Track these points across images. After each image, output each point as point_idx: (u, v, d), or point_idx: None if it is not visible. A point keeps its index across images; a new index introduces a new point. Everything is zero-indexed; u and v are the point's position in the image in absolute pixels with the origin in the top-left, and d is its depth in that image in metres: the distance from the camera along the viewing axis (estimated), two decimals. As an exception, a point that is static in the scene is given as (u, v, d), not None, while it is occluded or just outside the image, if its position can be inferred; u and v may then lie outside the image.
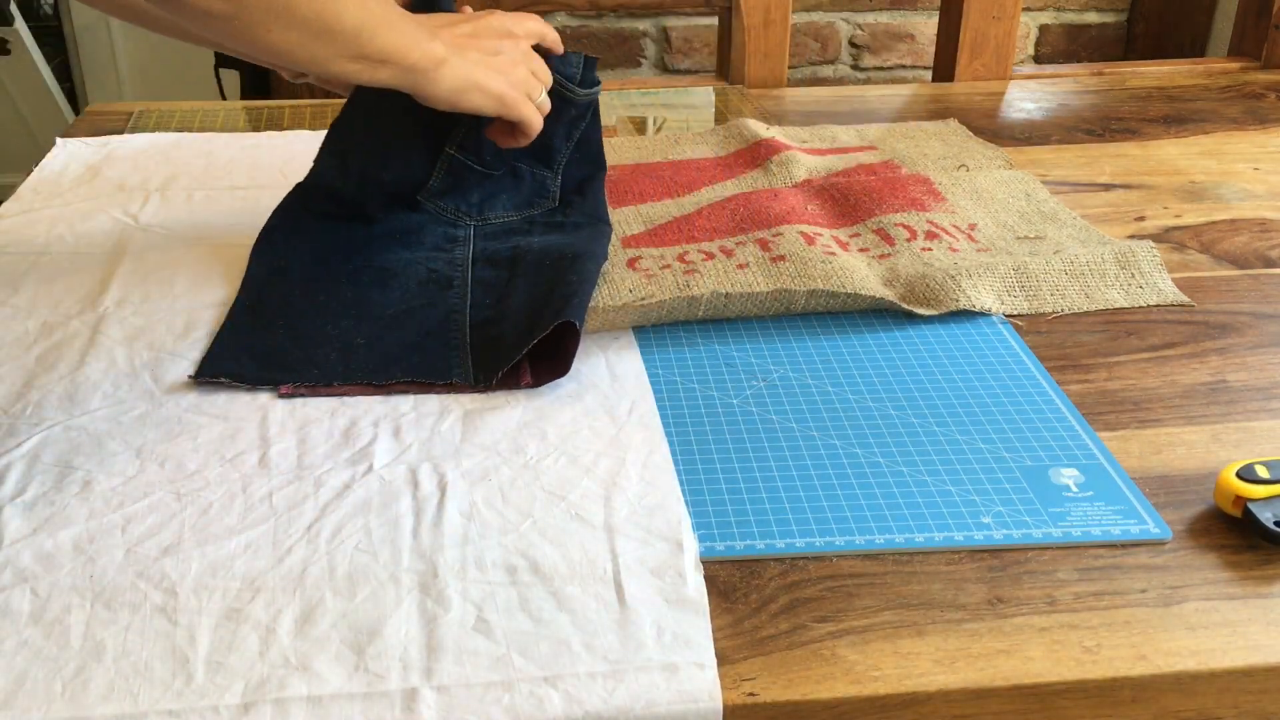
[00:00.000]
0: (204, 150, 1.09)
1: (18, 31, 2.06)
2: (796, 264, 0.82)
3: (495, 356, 0.71)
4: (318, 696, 0.48)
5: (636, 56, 2.06)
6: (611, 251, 0.85)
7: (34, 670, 0.50)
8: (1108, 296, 0.82)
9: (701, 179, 1.01)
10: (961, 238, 0.89)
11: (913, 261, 0.85)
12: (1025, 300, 0.81)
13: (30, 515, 0.59)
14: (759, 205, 0.92)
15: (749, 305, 0.78)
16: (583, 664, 0.50)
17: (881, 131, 1.15)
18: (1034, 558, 0.58)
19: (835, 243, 0.87)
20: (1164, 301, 0.82)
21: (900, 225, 0.90)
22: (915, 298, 0.80)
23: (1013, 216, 0.94)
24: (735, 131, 1.12)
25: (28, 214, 0.95)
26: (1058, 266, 0.83)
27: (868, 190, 0.96)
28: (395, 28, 0.71)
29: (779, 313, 0.79)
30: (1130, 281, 0.83)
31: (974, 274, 0.82)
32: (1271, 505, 0.59)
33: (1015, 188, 0.99)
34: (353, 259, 0.83)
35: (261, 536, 0.58)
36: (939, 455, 0.65)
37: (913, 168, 1.03)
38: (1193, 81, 1.35)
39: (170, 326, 0.77)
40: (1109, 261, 0.85)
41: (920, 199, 0.95)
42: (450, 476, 0.62)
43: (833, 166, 1.04)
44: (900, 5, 2.06)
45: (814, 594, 0.55)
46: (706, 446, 0.66)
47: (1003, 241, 0.89)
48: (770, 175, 1.01)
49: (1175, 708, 0.52)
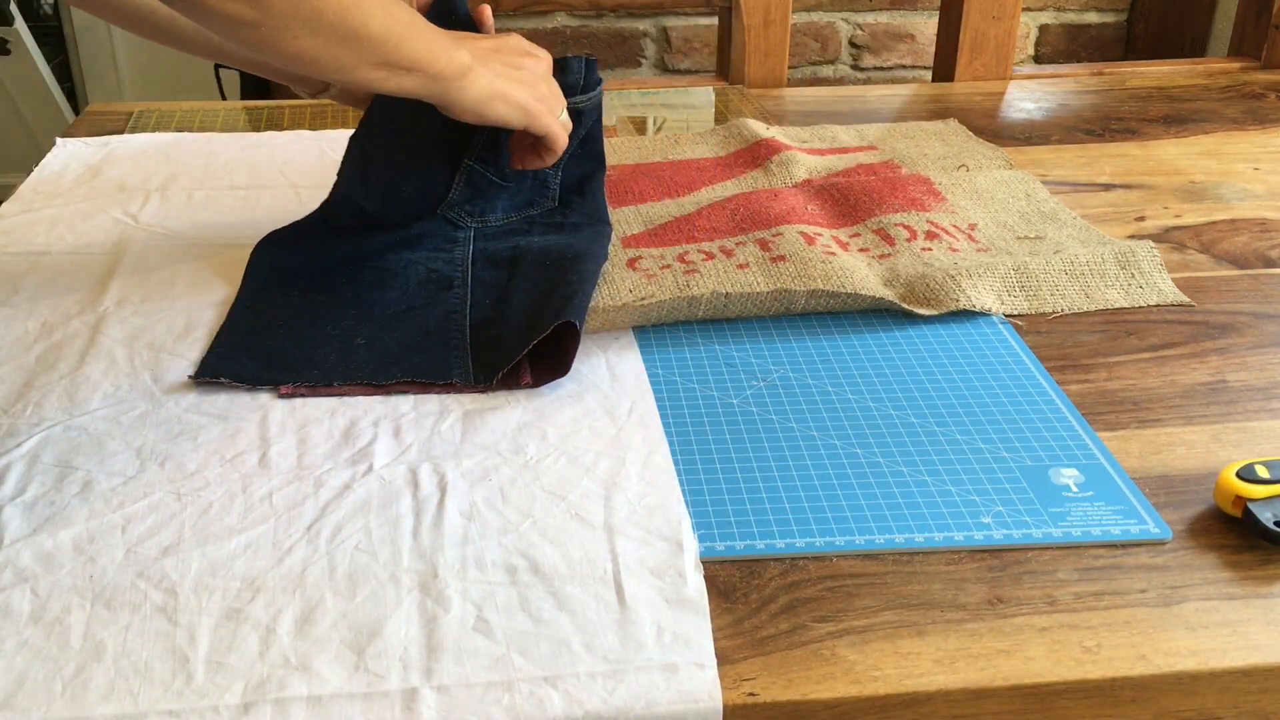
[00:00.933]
0: (204, 150, 1.09)
1: (18, 31, 2.06)
2: (797, 264, 0.82)
3: (495, 357, 0.71)
4: (318, 696, 0.48)
5: (636, 56, 2.06)
6: (611, 251, 0.85)
7: (34, 670, 0.50)
8: (1108, 296, 0.82)
9: (701, 179, 1.01)
10: (961, 238, 0.89)
11: (913, 261, 0.85)
12: (1025, 300, 0.81)
13: (30, 515, 0.59)
14: (759, 205, 0.92)
15: (749, 305, 0.78)
16: (583, 664, 0.50)
17: (881, 131, 1.15)
18: (1034, 558, 0.58)
19: (835, 243, 0.87)
20: (1164, 301, 0.82)
21: (900, 225, 0.90)
22: (915, 298, 0.80)
23: (1013, 216, 0.94)
24: (735, 131, 1.12)
25: (28, 214, 0.95)
26: (1058, 266, 0.84)
27: (868, 190, 0.96)
28: (421, 36, 0.71)
29: (779, 313, 0.79)
30: (1130, 281, 0.83)
31: (974, 274, 0.82)
32: (1271, 505, 0.59)
33: (1015, 188, 0.99)
34: (353, 259, 0.83)
35: (261, 536, 0.58)
36: (939, 455, 0.65)
37: (913, 168, 1.04)
38: (1193, 81, 1.35)
39: (170, 326, 0.77)
40: (1109, 261, 0.85)
41: (920, 199, 0.95)
42: (450, 476, 0.62)
43: (833, 166, 1.04)
44: (900, 5, 2.06)
45: (814, 594, 0.55)
46: (706, 446, 0.66)
47: (1003, 241, 0.89)
48: (770, 175, 1.01)
49: (1175, 708, 0.52)
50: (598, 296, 0.78)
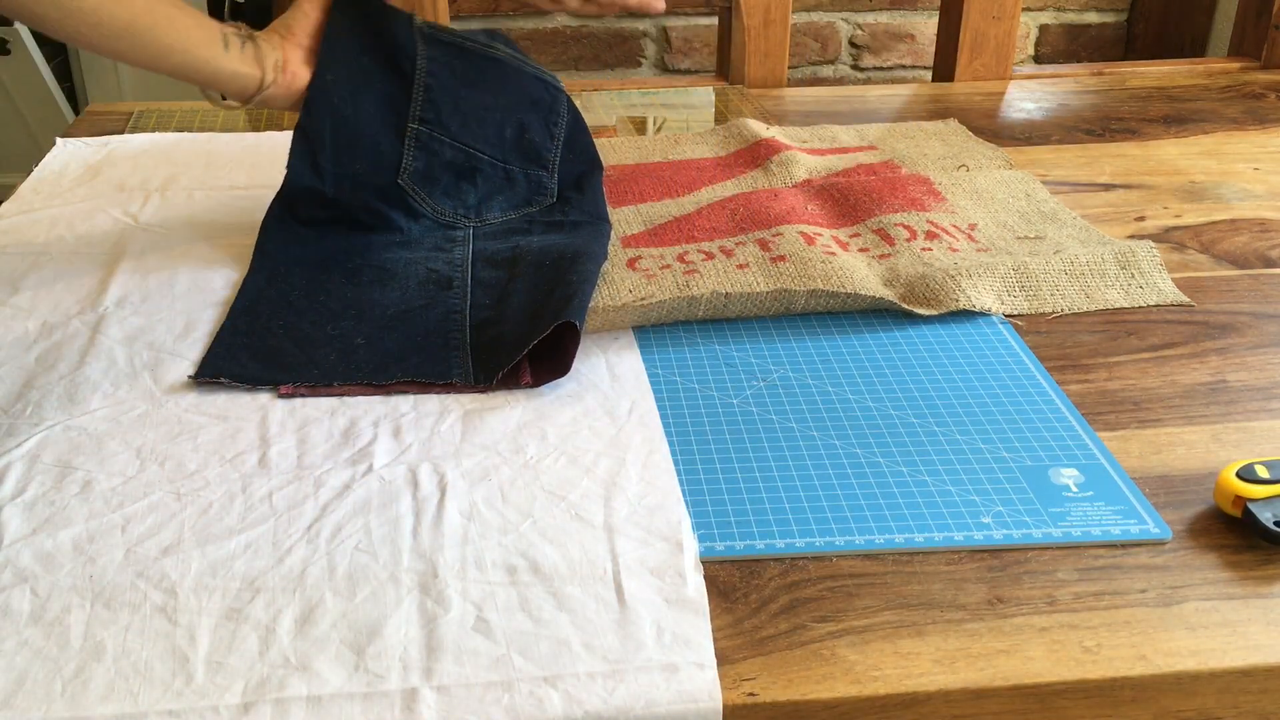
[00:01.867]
0: (204, 150, 1.09)
1: (18, 31, 2.06)
2: (796, 264, 0.82)
3: (495, 357, 0.71)
4: (317, 696, 0.48)
5: (636, 56, 2.06)
6: (611, 251, 0.85)
7: (34, 670, 0.50)
8: (1108, 296, 0.82)
9: (701, 179, 1.01)
10: (961, 238, 0.89)
11: (913, 261, 0.85)
12: (1025, 300, 0.81)
13: (30, 515, 0.59)
14: (759, 205, 0.92)
15: (749, 305, 0.78)
16: (582, 664, 0.50)
17: (882, 131, 1.15)
18: (1034, 558, 0.58)
19: (835, 243, 0.87)
20: (1164, 301, 0.82)
21: (900, 225, 0.90)
22: (915, 298, 0.80)
23: (1013, 216, 0.94)
24: (735, 131, 1.12)
25: (28, 214, 0.95)
26: (1058, 266, 0.83)
27: (868, 190, 0.96)
28: None
29: (779, 313, 0.79)
30: (1130, 282, 0.83)
31: (974, 274, 0.82)
32: (1271, 505, 0.59)
33: (1015, 188, 0.99)
34: (352, 259, 0.83)
35: (261, 536, 0.58)
36: (939, 455, 0.65)
37: (913, 168, 1.04)
38: (1193, 81, 1.35)
39: (170, 326, 0.77)
40: (1109, 261, 0.85)
41: (920, 199, 0.95)
42: (450, 476, 0.62)
43: (833, 166, 1.04)
44: (900, 5, 2.06)
45: (814, 594, 0.55)
46: (706, 446, 0.66)
47: (1003, 241, 0.89)
48: (770, 175, 1.01)
49: (1175, 708, 0.52)
50: (597, 296, 0.78)
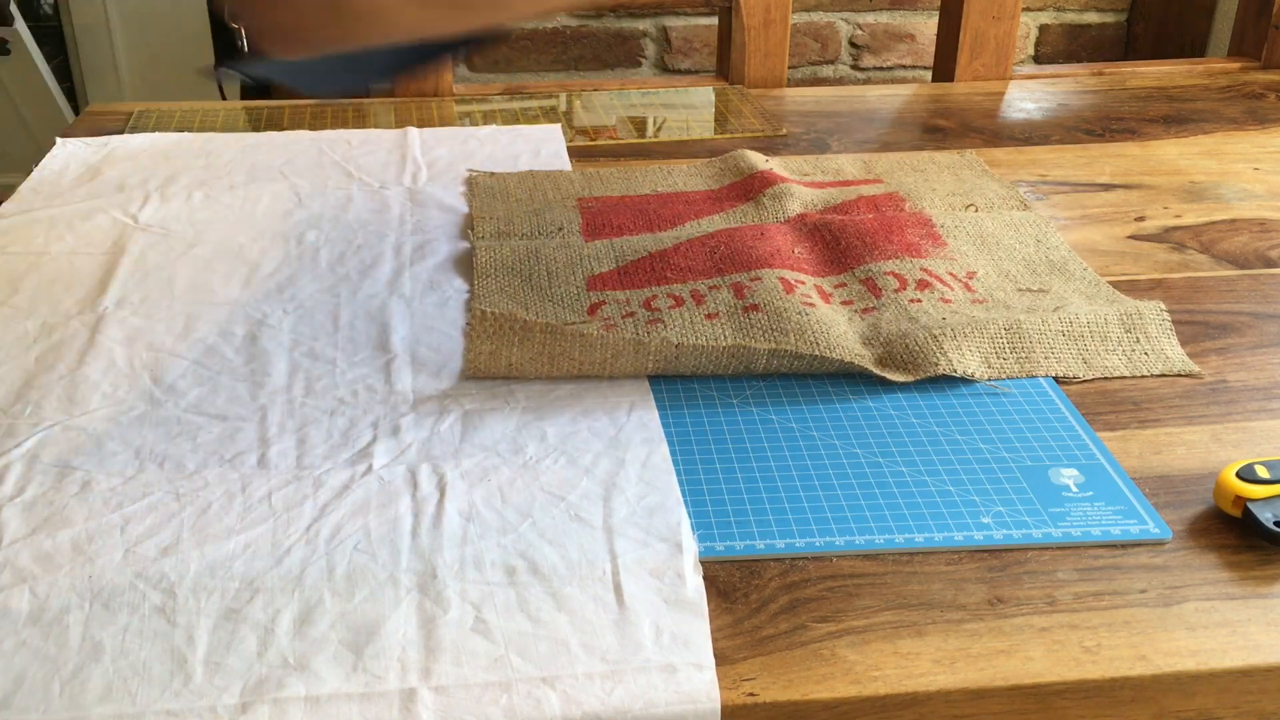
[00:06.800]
0: (204, 150, 1.09)
1: (18, 31, 2.05)
2: (770, 315, 0.76)
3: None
4: (316, 697, 0.48)
5: (636, 56, 2.06)
6: (574, 295, 0.80)
7: (32, 670, 0.50)
8: (1107, 363, 0.75)
9: (688, 213, 0.95)
10: (958, 287, 0.82)
11: (898, 316, 0.78)
12: (1015, 363, 0.74)
13: (29, 515, 0.59)
14: (742, 244, 0.86)
15: (704, 362, 0.72)
16: (581, 665, 0.50)
17: (890, 163, 1.07)
18: (1034, 558, 0.58)
19: (817, 292, 0.81)
20: (1170, 371, 0.74)
21: (890, 274, 0.83)
22: (893, 359, 0.73)
23: (1017, 265, 0.86)
24: (732, 164, 1.05)
25: (28, 214, 0.95)
26: (1055, 326, 0.76)
27: (861, 233, 0.89)
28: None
29: (739, 372, 0.73)
30: (1135, 347, 0.76)
31: (960, 334, 0.75)
32: (1271, 505, 0.59)
33: (1025, 232, 0.91)
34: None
35: (260, 537, 0.58)
36: (939, 455, 0.65)
37: (917, 203, 0.97)
38: (1193, 81, 1.35)
39: (170, 326, 0.77)
40: (1113, 323, 0.77)
41: (916, 243, 0.88)
42: (449, 477, 0.62)
43: (831, 199, 0.97)
44: (900, 5, 2.06)
45: (814, 594, 0.55)
46: (706, 446, 0.66)
47: (1001, 293, 0.82)
48: (761, 210, 0.95)
49: (1175, 708, 0.52)
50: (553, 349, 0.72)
